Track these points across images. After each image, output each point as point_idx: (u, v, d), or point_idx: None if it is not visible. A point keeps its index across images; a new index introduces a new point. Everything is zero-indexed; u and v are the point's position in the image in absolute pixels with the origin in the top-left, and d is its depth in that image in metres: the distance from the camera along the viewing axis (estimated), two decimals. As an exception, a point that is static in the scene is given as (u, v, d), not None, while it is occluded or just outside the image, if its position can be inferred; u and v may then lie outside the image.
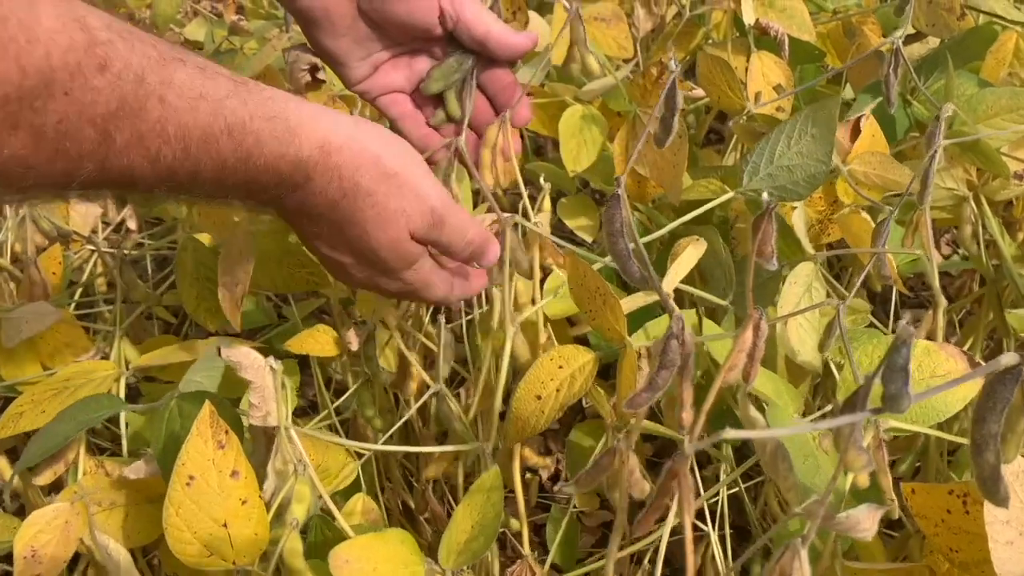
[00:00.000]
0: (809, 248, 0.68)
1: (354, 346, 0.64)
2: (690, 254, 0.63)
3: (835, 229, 0.78)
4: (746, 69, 0.97)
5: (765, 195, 0.41)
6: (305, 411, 1.13)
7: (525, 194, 0.66)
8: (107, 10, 0.42)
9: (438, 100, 0.69)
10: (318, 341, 0.71)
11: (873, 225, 0.72)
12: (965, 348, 0.90)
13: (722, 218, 0.94)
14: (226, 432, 0.50)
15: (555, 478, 1.20)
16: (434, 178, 0.58)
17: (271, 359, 0.51)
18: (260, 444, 0.52)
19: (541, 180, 0.68)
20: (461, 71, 0.67)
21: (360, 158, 0.53)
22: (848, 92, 1.18)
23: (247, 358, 0.50)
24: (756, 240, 0.42)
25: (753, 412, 0.40)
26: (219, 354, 0.51)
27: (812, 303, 0.64)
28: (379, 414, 0.77)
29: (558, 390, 0.59)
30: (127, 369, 0.76)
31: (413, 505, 0.86)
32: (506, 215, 0.60)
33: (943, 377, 0.58)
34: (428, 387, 0.79)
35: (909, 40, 0.91)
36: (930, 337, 0.75)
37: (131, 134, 0.42)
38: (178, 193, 0.48)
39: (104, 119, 0.41)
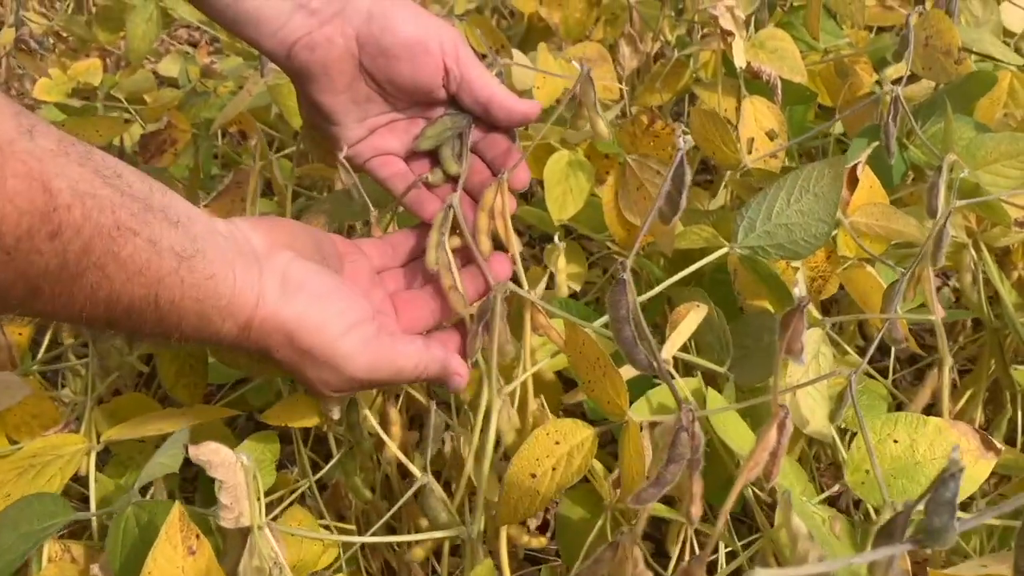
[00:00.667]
0: (816, 312, 0.65)
1: (335, 415, 0.60)
2: (690, 322, 0.59)
3: (831, 284, 0.75)
4: (736, 110, 0.94)
5: (796, 290, 0.37)
6: (284, 464, 1.09)
7: (517, 253, 0.63)
8: (86, 160, 0.42)
9: (432, 161, 0.66)
10: (297, 411, 0.67)
11: (879, 280, 0.69)
12: (964, 399, 0.88)
13: (716, 265, 0.91)
14: (197, 536, 0.46)
15: (543, 527, 1.16)
16: (363, 333, 0.54)
17: (243, 456, 0.47)
18: (233, 544, 0.48)
19: (556, 239, 0.65)
20: (455, 128, 0.65)
21: (273, 337, 0.52)
22: (838, 127, 1.17)
23: (217, 456, 0.46)
24: (786, 336, 0.39)
25: (795, 522, 0.37)
26: (186, 452, 0.47)
27: (821, 370, 0.61)
28: (366, 484, 0.73)
29: (554, 468, 0.56)
30: (98, 443, 0.72)
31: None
32: (498, 283, 0.57)
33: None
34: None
35: (909, 81, 0.89)
36: (936, 395, 0.73)
37: (61, 292, 0.43)
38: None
39: (38, 278, 0.41)
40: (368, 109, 0.63)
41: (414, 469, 0.62)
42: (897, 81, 0.80)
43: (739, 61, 0.85)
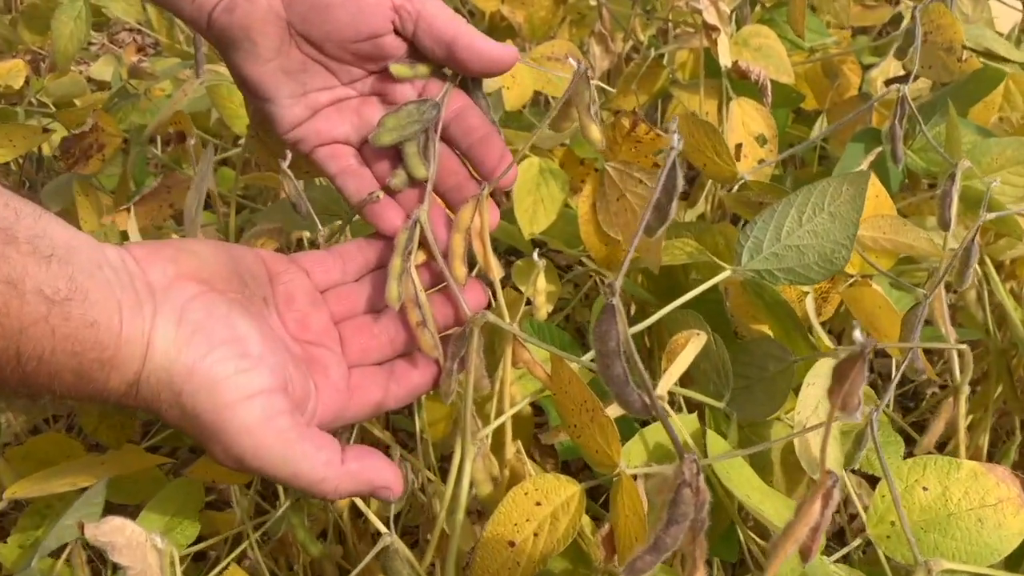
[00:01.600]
0: (827, 341, 0.57)
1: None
2: (688, 353, 0.52)
3: (831, 304, 0.68)
4: (719, 113, 0.87)
5: (857, 333, 0.30)
6: (223, 504, 0.99)
7: (498, 280, 0.54)
8: None
9: (392, 158, 0.55)
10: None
11: (887, 299, 0.62)
12: (968, 423, 0.81)
13: (698, 282, 0.83)
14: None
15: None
16: (266, 413, 0.43)
17: (154, 537, 0.38)
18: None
19: (535, 257, 0.56)
20: (422, 121, 0.53)
21: (162, 395, 0.42)
22: (814, 131, 1.10)
23: (121, 535, 0.37)
24: (841, 390, 0.31)
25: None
26: (81, 532, 0.38)
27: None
28: (312, 539, 0.64)
29: (536, 534, 0.47)
30: (1, 499, 0.62)
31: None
32: (475, 314, 0.48)
33: (994, 507, 0.48)
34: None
35: (900, 81, 0.83)
36: (951, 425, 0.66)
37: None
38: None
39: None
40: (305, 81, 0.53)
41: (379, 524, 0.54)
42: (901, 79, 0.73)
43: (724, 59, 0.78)
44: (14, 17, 1.37)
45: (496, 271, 0.53)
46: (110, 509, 0.93)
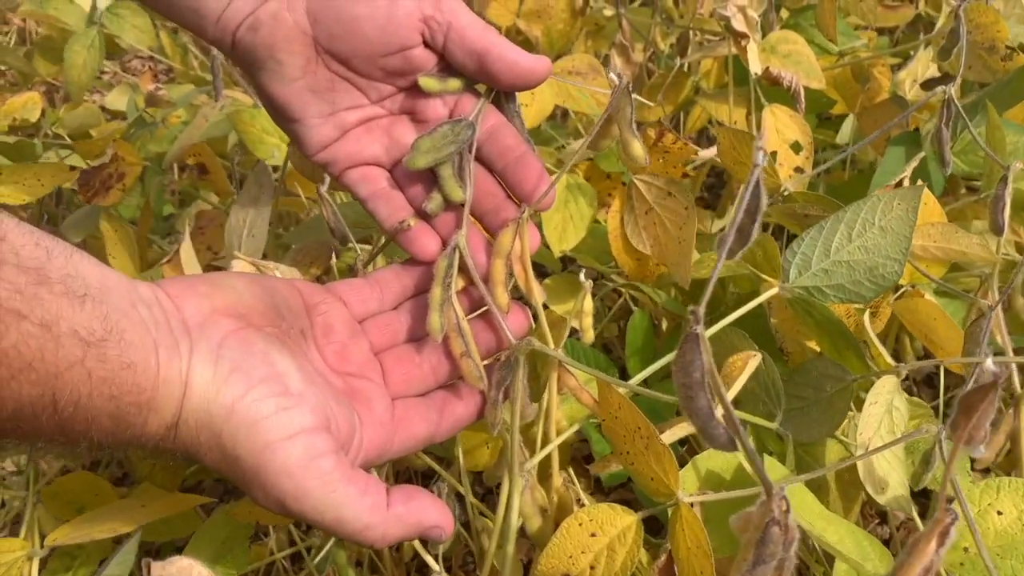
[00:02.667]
0: (888, 358, 0.55)
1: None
2: (745, 375, 0.49)
3: (882, 318, 0.65)
4: (747, 121, 0.85)
5: (989, 362, 0.28)
6: (257, 535, 0.97)
7: (540, 305, 0.52)
8: None
9: (425, 181, 0.53)
10: (271, 507, 0.56)
11: (942, 310, 0.60)
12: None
13: (739, 297, 0.81)
14: None
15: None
16: (309, 453, 0.41)
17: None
18: None
19: (581, 277, 0.54)
20: (457, 142, 0.51)
21: (201, 437, 0.40)
22: (841, 136, 1.08)
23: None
24: (969, 423, 0.29)
25: None
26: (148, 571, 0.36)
27: (894, 425, 0.51)
28: (351, 570, 0.62)
29: (593, 567, 0.45)
30: (41, 547, 0.60)
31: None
32: (519, 341, 0.46)
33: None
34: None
35: (934, 84, 0.81)
36: (1013, 439, 0.63)
37: None
38: None
39: None
40: (334, 100, 0.51)
41: (431, 562, 0.52)
42: (938, 81, 0.71)
43: (755, 67, 0.76)
44: (29, 50, 1.37)
45: (539, 296, 0.51)
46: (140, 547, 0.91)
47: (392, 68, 0.51)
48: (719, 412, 0.39)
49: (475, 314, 0.52)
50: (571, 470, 0.67)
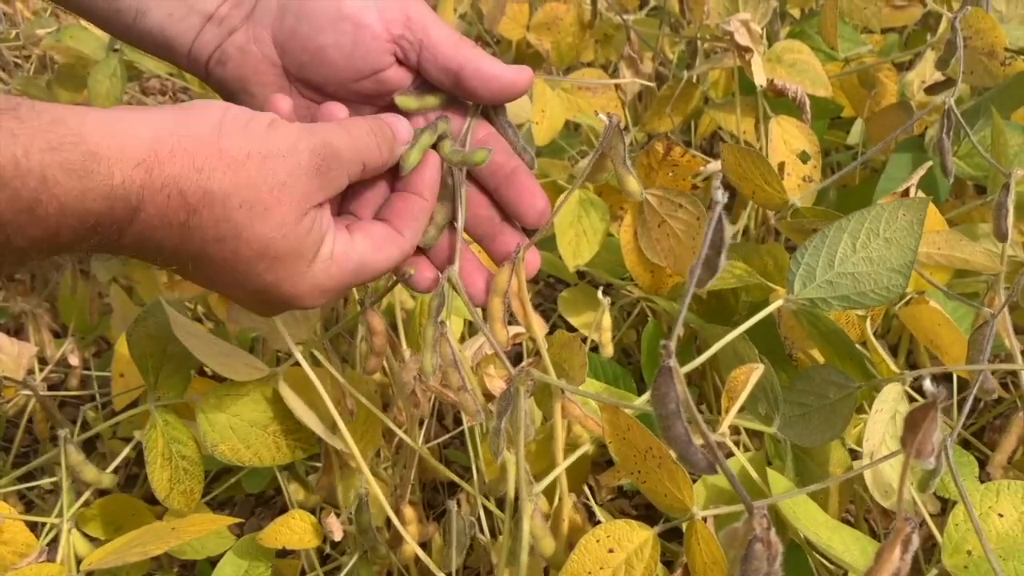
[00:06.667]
0: (892, 365, 0.56)
1: (337, 536, 0.52)
2: (748, 388, 0.51)
3: (874, 319, 0.66)
4: (755, 129, 0.87)
5: (927, 383, 0.29)
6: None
7: (542, 337, 0.53)
8: None
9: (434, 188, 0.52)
10: (295, 531, 0.58)
11: (947, 316, 0.61)
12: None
13: (752, 305, 0.82)
14: None
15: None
16: (291, 125, 0.43)
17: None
18: None
19: (599, 295, 0.55)
20: (436, 132, 0.50)
21: (199, 158, 0.39)
22: (852, 139, 1.09)
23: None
24: (915, 439, 0.31)
25: None
26: None
27: (897, 431, 0.53)
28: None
29: (611, 583, 0.47)
30: (78, 571, 0.63)
31: None
32: (518, 368, 0.48)
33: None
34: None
35: (941, 87, 0.81)
36: (1021, 440, 0.64)
37: None
38: None
39: None
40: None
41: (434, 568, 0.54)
42: (941, 86, 0.72)
43: (759, 79, 0.77)
44: (50, 79, 1.40)
45: (540, 329, 0.53)
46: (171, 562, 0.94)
47: (366, 91, 0.50)
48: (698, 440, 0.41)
49: (473, 340, 0.53)
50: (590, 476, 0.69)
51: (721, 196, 0.41)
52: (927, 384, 0.30)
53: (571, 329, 0.87)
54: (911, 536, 0.33)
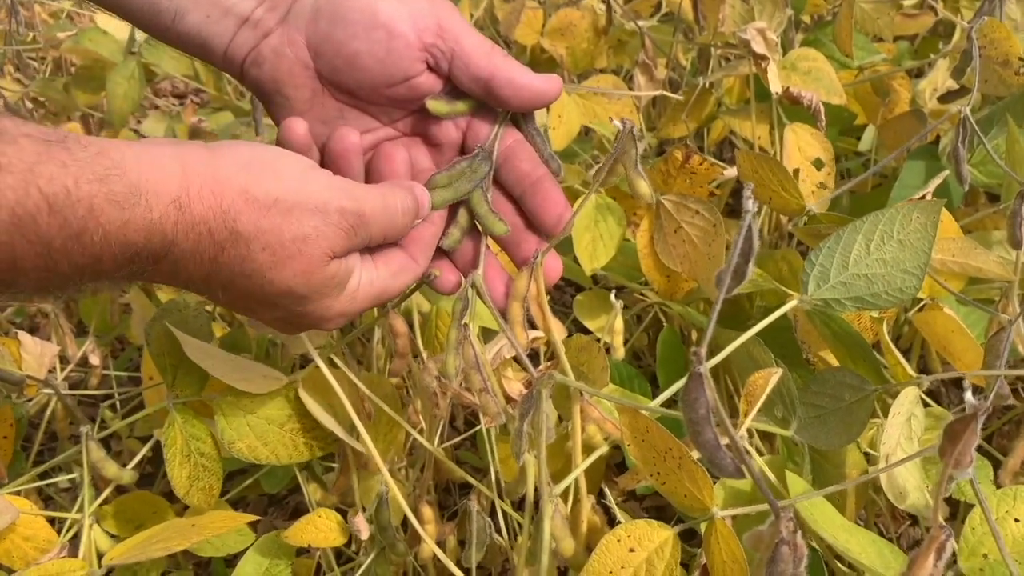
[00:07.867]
0: (908, 368, 0.57)
1: (364, 534, 0.52)
2: (766, 391, 0.52)
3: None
4: (769, 136, 0.87)
5: (968, 395, 0.30)
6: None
7: (560, 342, 0.54)
8: None
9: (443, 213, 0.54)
10: (320, 529, 0.59)
11: (960, 324, 0.62)
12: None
13: (767, 307, 0.83)
14: None
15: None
16: (326, 174, 0.46)
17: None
18: None
19: (612, 298, 0.56)
20: (474, 179, 0.52)
21: (226, 200, 0.41)
22: (863, 146, 1.10)
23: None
24: (955, 449, 0.31)
25: None
26: None
27: (911, 432, 0.54)
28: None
29: (631, 582, 0.48)
30: (99, 567, 0.64)
31: None
32: (539, 371, 0.49)
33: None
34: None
35: (953, 95, 0.82)
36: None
37: None
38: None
39: None
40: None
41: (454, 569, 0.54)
42: (954, 94, 0.73)
43: (774, 87, 0.78)
44: (67, 81, 1.41)
45: (558, 333, 0.54)
46: (189, 559, 0.94)
47: (398, 96, 0.52)
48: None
49: (491, 344, 0.54)
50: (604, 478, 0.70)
51: (752, 205, 0.42)
52: (968, 396, 0.30)
53: (585, 332, 0.88)
54: (945, 544, 0.34)
